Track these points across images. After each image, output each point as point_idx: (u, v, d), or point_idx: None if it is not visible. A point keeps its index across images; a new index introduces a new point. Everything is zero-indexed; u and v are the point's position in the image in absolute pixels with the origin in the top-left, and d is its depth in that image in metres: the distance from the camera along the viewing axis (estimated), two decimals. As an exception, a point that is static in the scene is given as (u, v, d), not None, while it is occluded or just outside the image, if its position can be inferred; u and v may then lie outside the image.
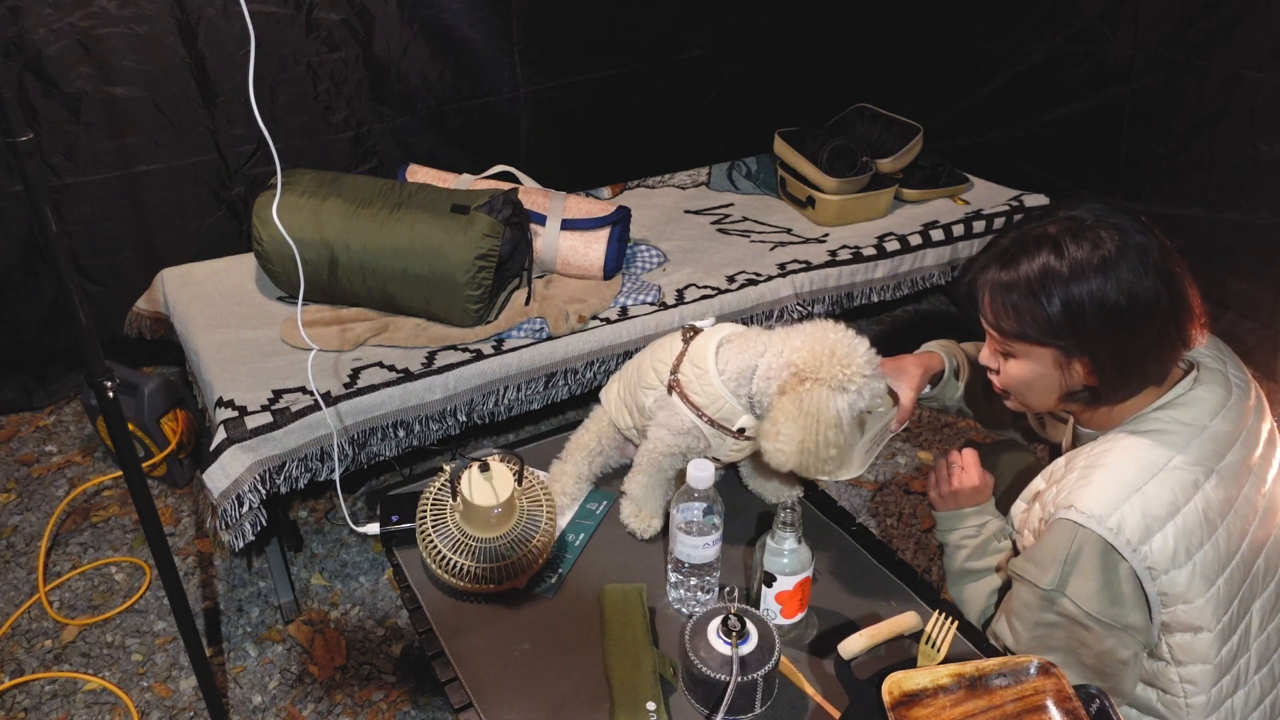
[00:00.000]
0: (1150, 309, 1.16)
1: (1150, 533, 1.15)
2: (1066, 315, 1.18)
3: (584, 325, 2.20)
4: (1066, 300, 1.17)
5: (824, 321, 1.31)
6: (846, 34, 3.32)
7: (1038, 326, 1.20)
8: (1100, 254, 1.16)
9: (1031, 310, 1.20)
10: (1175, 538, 1.16)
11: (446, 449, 2.48)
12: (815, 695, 1.23)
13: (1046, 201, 2.78)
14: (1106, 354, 1.19)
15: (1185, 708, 1.24)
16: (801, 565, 1.25)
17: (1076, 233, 1.18)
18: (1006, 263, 1.22)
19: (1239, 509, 1.22)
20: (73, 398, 2.75)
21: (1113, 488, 1.17)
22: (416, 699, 1.91)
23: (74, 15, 2.25)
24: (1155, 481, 1.17)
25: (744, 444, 1.42)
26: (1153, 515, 1.16)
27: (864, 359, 1.26)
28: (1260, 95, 2.39)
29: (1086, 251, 1.16)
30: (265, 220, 2.08)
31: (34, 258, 2.53)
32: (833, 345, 1.26)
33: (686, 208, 2.84)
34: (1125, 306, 1.16)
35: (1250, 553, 1.24)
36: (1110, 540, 1.15)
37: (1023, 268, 1.20)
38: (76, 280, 1.29)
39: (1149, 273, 1.15)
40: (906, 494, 2.44)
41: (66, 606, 2.12)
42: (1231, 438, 1.24)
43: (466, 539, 1.33)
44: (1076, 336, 1.19)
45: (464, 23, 2.64)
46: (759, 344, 1.33)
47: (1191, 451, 1.20)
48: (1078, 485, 1.20)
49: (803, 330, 1.31)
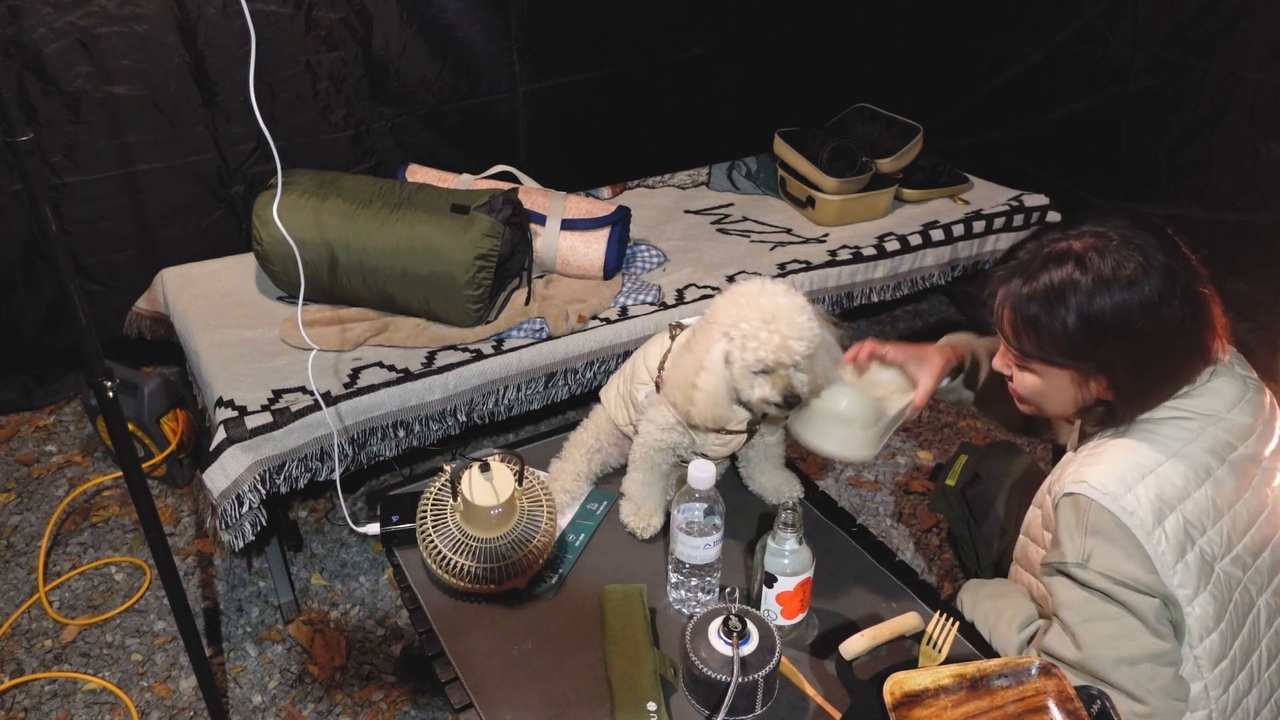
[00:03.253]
0: (1173, 332, 1.15)
1: (1162, 516, 1.15)
2: (1087, 336, 1.16)
3: (584, 325, 2.19)
4: (1087, 321, 1.15)
5: (766, 281, 1.31)
6: (846, 34, 3.31)
7: (1057, 347, 1.19)
8: (1124, 274, 1.13)
9: (1051, 330, 1.18)
10: (1185, 523, 1.16)
11: (446, 449, 2.48)
12: (816, 696, 1.23)
13: (1046, 201, 2.78)
14: (1125, 374, 1.18)
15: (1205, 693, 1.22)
16: (802, 566, 1.26)
17: (1102, 251, 1.15)
18: (1029, 277, 1.19)
19: (1247, 500, 1.22)
20: (73, 398, 2.75)
21: (1127, 466, 1.17)
22: (416, 699, 1.91)
23: (74, 14, 2.24)
24: (1170, 464, 1.17)
25: (728, 438, 1.42)
26: (1166, 499, 1.15)
27: (766, 313, 1.25)
28: (1259, 95, 2.39)
29: (1110, 271, 1.13)
30: (265, 220, 2.08)
31: (34, 258, 2.53)
32: (747, 295, 1.28)
33: (686, 207, 2.84)
34: (1149, 331, 1.14)
35: (1254, 545, 1.24)
36: (1124, 520, 1.15)
37: (1044, 284, 1.17)
38: (76, 280, 1.29)
39: (1174, 295, 1.13)
40: (906, 494, 2.44)
41: (66, 606, 2.12)
42: (1247, 430, 1.24)
43: (467, 539, 1.33)
44: (1095, 358, 1.18)
45: (463, 22, 2.64)
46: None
47: (1206, 439, 1.20)
48: (1087, 462, 1.20)
49: (738, 286, 1.32)
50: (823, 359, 1.36)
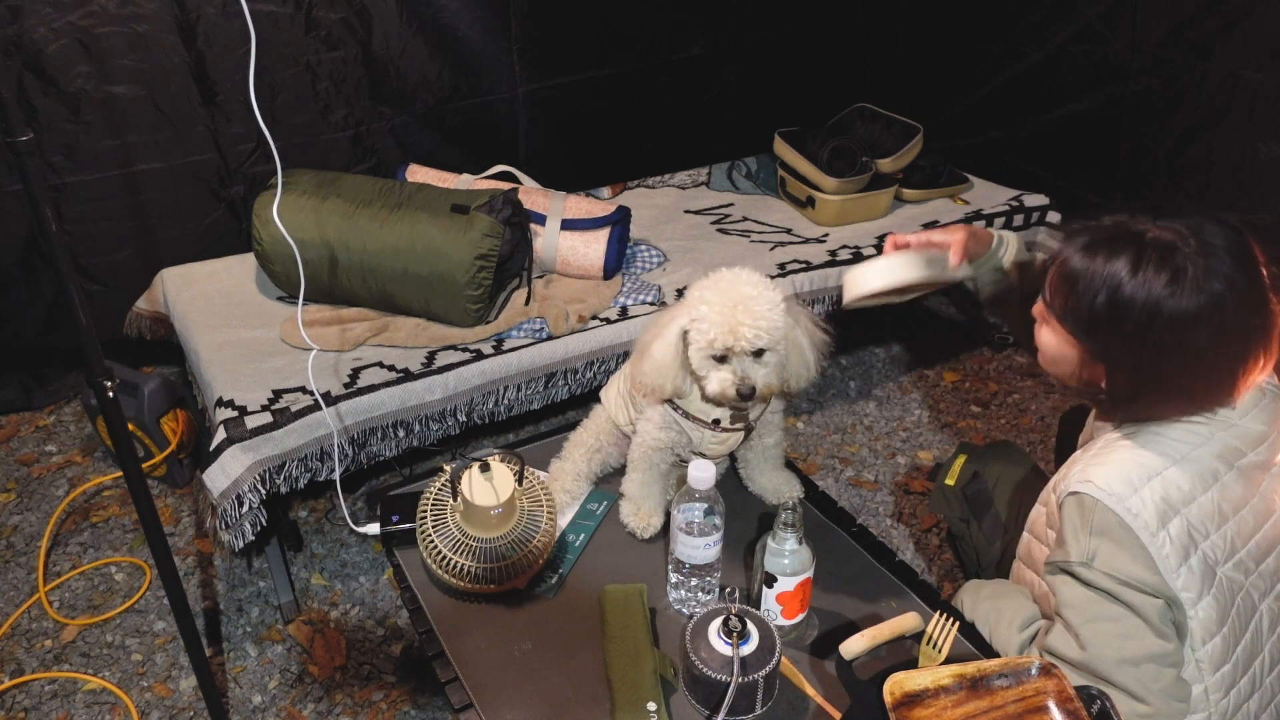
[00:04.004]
0: (1193, 356, 1.14)
1: (1166, 519, 1.15)
2: (1107, 320, 1.16)
3: (584, 325, 2.19)
4: (1114, 306, 1.15)
5: (738, 270, 1.34)
6: (846, 34, 3.31)
7: (1077, 317, 1.20)
8: (1172, 280, 1.11)
9: (1080, 298, 1.18)
10: (1189, 526, 1.16)
11: (446, 449, 2.48)
12: (816, 696, 1.23)
13: (1046, 201, 2.78)
14: (1124, 374, 1.18)
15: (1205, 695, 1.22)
16: (802, 566, 1.26)
17: (1169, 248, 1.13)
18: (1094, 241, 1.18)
19: (1254, 506, 1.22)
20: (73, 398, 2.75)
21: (1133, 468, 1.17)
22: (416, 699, 1.91)
23: (73, 14, 2.24)
24: (1176, 468, 1.17)
25: (723, 435, 1.42)
26: (1171, 502, 1.15)
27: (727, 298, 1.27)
28: (1259, 95, 2.39)
29: (1161, 271, 1.12)
30: (265, 220, 2.08)
31: (34, 258, 2.53)
32: (713, 280, 1.32)
33: (686, 207, 2.84)
34: (1165, 343, 1.13)
35: (1259, 550, 1.24)
36: (1128, 522, 1.15)
37: (1099, 254, 1.16)
38: (76, 280, 1.29)
39: (1208, 324, 1.11)
40: (906, 494, 2.44)
41: (66, 606, 2.12)
42: (1260, 437, 1.23)
43: (467, 539, 1.33)
44: (1105, 344, 1.18)
45: (463, 22, 2.64)
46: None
47: (1215, 444, 1.20)
48: (1093, 462, 1.20)
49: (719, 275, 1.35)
50: (793, 360, 1.37)
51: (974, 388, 2.87)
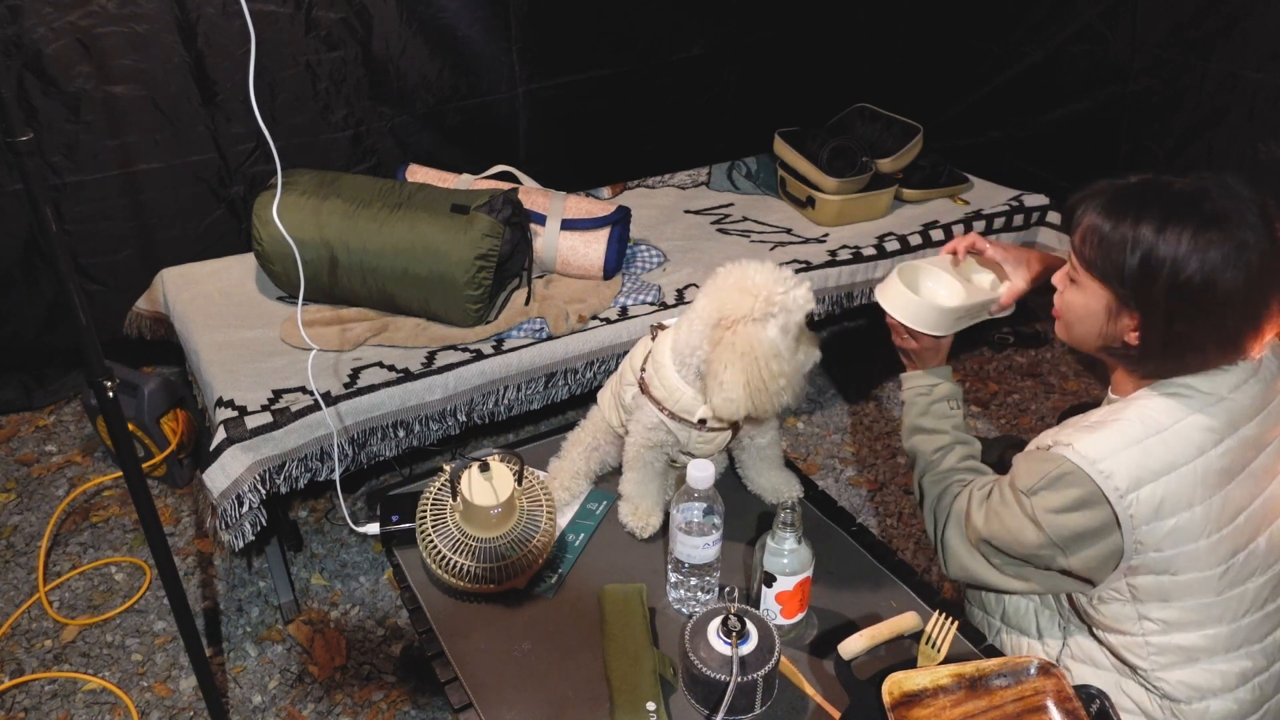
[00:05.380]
0: (1221, 302, 1.15)
1: (1140, 483, 1.16)
2: (1140, 267, 1.17)
3: (584, 325, 2.20)
4: (1147, 255, 1.17)
5: (727, 265, 1.33)
6: (846, 34, 3.31)
7: (1109, 264, 1.21)
8: (1200, 229, 1.14)
9: (1111, 249, 1.20)
10: (1164, 494, 1.17)
11: (446, 449, 2.48)
12: (815, 695, 1.23)
13: (1046, 201, 2.78)
14: (1156, 322, 1.19)
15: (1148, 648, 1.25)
16: (801, 565, 1.26)
17: (1193, 200, 1.17)
18: (1117, 196, 1.22)
19: (1244, 480, 1.22)
20: (73, 398, 2.75)
21: (1115, 439, 1.19)
22: (416, 699, 1.91)
23: (73, 14, 2.25)
24: (1158, 439, 1.18)
25: (710, 435, 1.42)
26: (1147, 469, 1.17)
27: (772, 280, 1.27)
28: (1259, 95, 2.39)
29: (1191, 222, 1.15)
30: (265, 220, 2.08)
31: (34, 258, 2.53)
32: (738, 283, 1.29)
33: (686, 207, 2.84)
34: (1197, 285, 1.15)
35: (1250, 526, 1.24)
36: (1099, 484, 1.16)
37: (1129, 210, 1.20)
38: (76, 280, 1.29)
39: (1238, 267, 1.14)
40: (906, 494, 2.44)
41: (66, 606, 2.12)
42: (1253, 411, 1.24)
43: (466, 539, 1.33)
44: (1138, 292, 1.19)
45: (463, 22, 2.64)
46: (684, 318, 1.37)
47: (1204, 416, 1.20)
48: (1082, 430, 1.21)
49: (710, 283, 1.33)
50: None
51: (974, 388, 2.87)
